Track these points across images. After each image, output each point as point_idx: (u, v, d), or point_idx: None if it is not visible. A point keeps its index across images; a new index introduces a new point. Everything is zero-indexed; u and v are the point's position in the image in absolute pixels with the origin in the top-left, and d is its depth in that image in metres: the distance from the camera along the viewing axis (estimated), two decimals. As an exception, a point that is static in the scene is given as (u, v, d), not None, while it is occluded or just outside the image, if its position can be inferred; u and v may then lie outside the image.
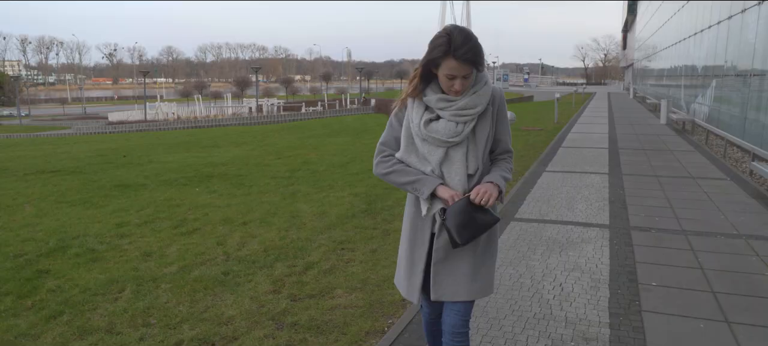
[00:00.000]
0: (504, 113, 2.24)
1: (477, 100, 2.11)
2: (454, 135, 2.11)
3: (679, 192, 7.50)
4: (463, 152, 2.15)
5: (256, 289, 4.32)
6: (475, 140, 2.17)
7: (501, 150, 2.28)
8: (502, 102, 2.23)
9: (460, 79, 2.05)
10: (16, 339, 3.65)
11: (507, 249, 5.08)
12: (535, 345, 3.26)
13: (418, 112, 2.16)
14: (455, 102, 2.10)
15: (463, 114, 2.10)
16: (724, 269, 4.51)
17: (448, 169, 2.15)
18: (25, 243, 5.88)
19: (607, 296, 3.98)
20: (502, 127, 2.25)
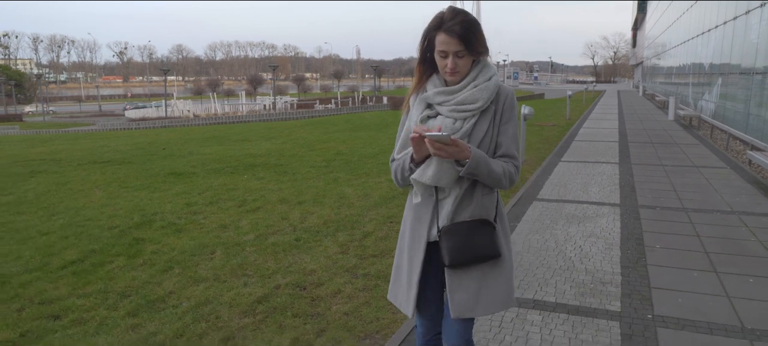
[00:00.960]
0: (510, 116, 2.03)
1: (478, 94, 1.96)
2: (452, 132, 1.93)
3: (683, 178, 8.34)
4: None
5: (326, 251, 5.22)
6: (470, 139, 1.98)
7: (502, 154, 2.03)
8: (510, 103, 2.03)
9: (452, 56, 1.92)
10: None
11: (532, 222, 5.95)
12: (562, 286, 4.14)
13: (418, 109, 2.05)
14: (454, 96, 1.98)
15: (461, 109, 1.97)
16: (716, 236, 5.36)
17: (439, 167, 1.94)
18: (112, 219, 6.81)
19: (618, 254, 4.85)
20: (507, 129, 2.03)
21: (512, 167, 2.01)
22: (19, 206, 7.83)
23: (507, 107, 2.02)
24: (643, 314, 3.65)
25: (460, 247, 1.96)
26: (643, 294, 3.99)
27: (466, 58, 1.95)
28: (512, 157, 2.03)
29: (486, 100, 1.97)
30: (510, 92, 2.05)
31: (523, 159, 10.24)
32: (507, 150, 2.02)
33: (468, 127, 1.96)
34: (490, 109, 2.00)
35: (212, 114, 39.02)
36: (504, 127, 2.02)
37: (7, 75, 61.92)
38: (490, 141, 2.00)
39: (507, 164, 2.00)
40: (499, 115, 2.02)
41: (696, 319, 3.58)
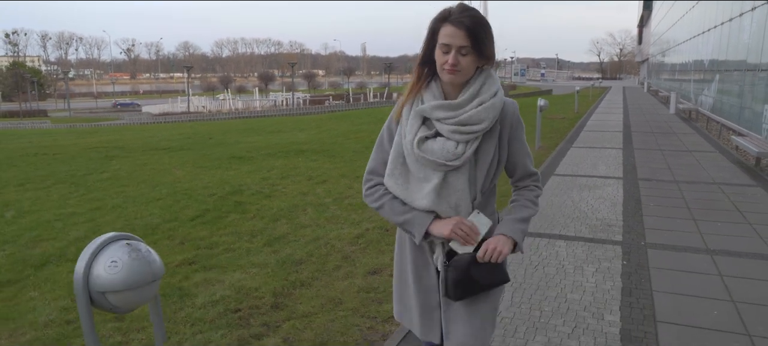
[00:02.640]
0: (518, 133, 1.88)
1: (483, 114, 1.76)
2: (454, 157, 1.76)
3: (677, 159, 9.82)
4: (465, 178, 1.80)
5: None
6: (476, 164, 1.82)
7: (521, 175, 1.94)
8: (517, 119, 1.87)
9: (455, 51, 1.70)
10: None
11: (552, 189, 7.44)
12: (579, 227, 5.64)
13: (413, 126, 1.82)
14: (456, 114, 1.76)
15: (464, 131, 1.76)
16: (698, 198, 6.85)
17: (448, 197, 1.80)
18: (208, 189, 8.33)
19: (621, 209, 6.35)
20: (520, 148, 1.90)
21: (537, 189, 1.95)
22: (119, 181, 9.37)
23: (514, 125, 1.86)
24: (638, 242, 5.15)
25: (460, 281, 1.80)
26: (638, 231, 5.49)
27: (470, 58, 1.72)
28: (531, 175, 1.94)
29: (492, 120, 1.77)
30: (514, 108, 1.86)
31: (539, 145, 11.72)
32: (526, 169, 1.93)
33: (471, 151, 1.77)
34: (495, 129, 1.81)
35: (233, 109, 40.62)
36: (516, 146, 1.88)
37: (25, 72, 63.76)
38: (495, 164, 1.84)
39: (532, 191, 1.94)
40: (506, 134, 1.84)
41: (675, 244, 5.07)
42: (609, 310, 3.69)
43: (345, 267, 4.72)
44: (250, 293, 4.17)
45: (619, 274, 4.34)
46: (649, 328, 3.43)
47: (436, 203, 1.79)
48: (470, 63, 1.74)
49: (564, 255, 4.80)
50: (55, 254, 5.41)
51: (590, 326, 3.46)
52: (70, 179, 9.85)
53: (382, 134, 1.95)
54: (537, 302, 3.82)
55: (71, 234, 6.09)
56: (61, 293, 4.37)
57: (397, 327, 3.48)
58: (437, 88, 1.82)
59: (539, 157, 10.37)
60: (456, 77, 1.75)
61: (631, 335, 3.33)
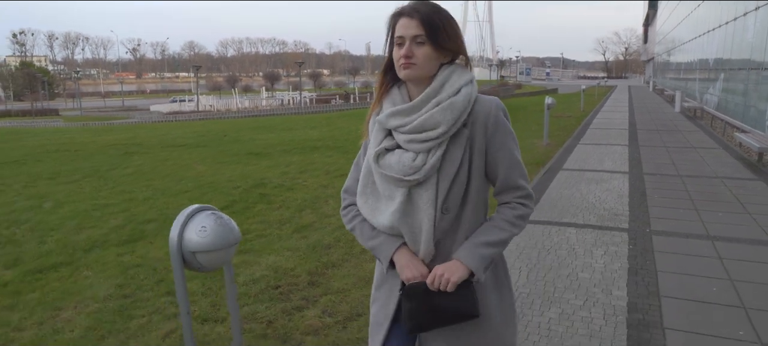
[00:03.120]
0: (502, 138, 1.59)
1: (440, 116, 1.52)
2: (411, 171, 1.54)
3: (681, 155, 10.16)
4: (431, 194, 1.55)
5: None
6: (440, 178, 1.56)
7: (501, 188, 1.63)
8: (496, 122, 1.58)
9: (409, 42, 1.52)
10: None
11: (561, 183, 7.80)
12: (588, 216, 6.01)
13: (376, 139, 1.64)
14: (411, 119, 1.55)
15: (419, 139, 1.53)
16: (700, 191, 7.20)
17: (412, 217, 1.58)
18: (231, 182, 8.73)
19: (627, 200, 6.70)
20: (498, 155, 1.59)
21: (520, 208, 1.62)
22: (144, 175, 9.79)
23: (492, 127, 1.57)
24: (643, 229, 5.51)
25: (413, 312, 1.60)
26: (643, 220, 5.85)
27: (427, 49, 1.54)
28: (517, 188, 1.62)
29: (451, 122, 1.52)
30: (492, 107, 1.59)
31: (547, 142, 12.07)
32: (508, 181, 1.61)
33: (434, 161, 1.53)
34: (462, 133, 1.56)
35: (243, 108, 41.15)
36: (496, 152, 1.59)
37: (36, 72, 64.50)
38: (464, 175, 1.56)
39: (513, 209, 1.62)
40: (480, 139, 1.57)
41: (678, 231, 5.43)
42: (616, 286, 4.06)
43: (369, 252, 5.09)
44: (287, 272, 4.56)
45: (626, 256, 4.70)
46: (654, 301, 3.79)
47: (399, 222, 1.59)
48: (427, 55, 1.55)
49: (574, 240, 5.16)
50: (99, 240, 5.81)
51: (599, 300, 3.82)
52: (95, 173, 10.26)
53: (359, 155, 1.79)
54: (551, 280, 4.19)
55: (110, 223, 6.50)
56: (113, 272, 4.77)
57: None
58: (400, 93, 1.64)
59: (547, 153, 10.73)
60: (412, 72, 1.55)
61: (637, 307, 3.70)
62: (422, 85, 1.60)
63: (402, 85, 1.65)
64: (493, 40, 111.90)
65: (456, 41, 1.59)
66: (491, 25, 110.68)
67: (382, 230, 1.64)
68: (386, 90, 1.67)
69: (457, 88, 1.57)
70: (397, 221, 1.59)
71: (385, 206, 1.62)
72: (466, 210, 1.62)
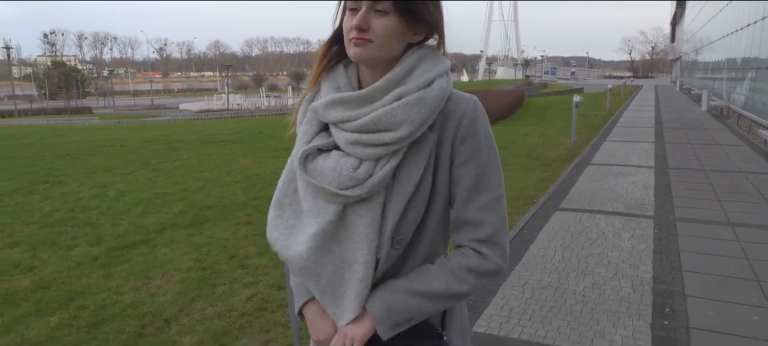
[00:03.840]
0: (472, 150, 1.12)
1: (403, 114, 1.07)
2: (351, 182, 1.08)
3: (706, 152, 10.49)
4: (374, 216, 1.10)
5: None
6: (392, 199, 1.10)
7: (456, 221, 1.15)
8: (474, 130, 1.12)
9: (366, 9, 1.07)
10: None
11: (590, 176, 8.23)
12: (616, 205, 6.45)
13: (306, 134, 1.19)
14: (358, 114, 1.10)
15: (369, 141, 1.09)
16: (723, 184, 7.58)
17: (342, 246, 1.11)
18: (276, 174, 9.24)
19: (652, 192, 7.12)
20: (461, 171, 1.13)
21: (472, 256, 1.11)
22: (193, 168, 10.44)
23: (463, 134, 1.11)
24: (667, 216, 5.94)
25: None
26: (668, 209, 6.27)
27: (391, 21, 1.08)
28: (475, 224, 1.12)
29: (416, 124, 1.08)
30: (469, 107, 1.13)
31: (575, 139, 12.46)
32: (464, 210, 1.13)
33: (384, 173, 1.08)
34: (427, 139, 1.11)
35: (270, 106, 42.03)
36: (458, 170, 1.12)
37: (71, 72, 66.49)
38: (422, 197, 1.11)
39: (467, 258, 1.12)
40: (447, 148, 1.12)
41: (701, 218, 5.85)
42: (643, 263, 4.52)
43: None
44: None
45: (652, 239, 5.15)
46: (677, 275, 4.25)
47: (317, 255, 1.10)
48: (390, 30, 1.08)
49: (604, 225, 5.62)
50: (168, 223, 6.43)
51: (628, 274, 4.29)
52: (147, 166, 10.96)
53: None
54: (584, 257, 4.67)
55: (173, 209, 7.12)
56: (187, 249, 5.37)
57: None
58: (346, 76, 1.18)
59: (575, 150, 11.13)
60: (365, 51, 1.08)
61: (662, 279, 4.16)
62: (379, 70, 1.13)
63: (350, 66, 1.20)
64: (519, 39, 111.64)
65: (435, 15, 1.12)
66: (516, 24, 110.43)
67: (294, 262, 1.13)
68: (328, 68, 1.20)
69: (428, 79, 1.11)
70: (316, 248, 1.09)
71: (304, 225, 1.13)
72: (422, 244, 1.14)
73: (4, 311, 4.04)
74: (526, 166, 9.20)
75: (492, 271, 1.12)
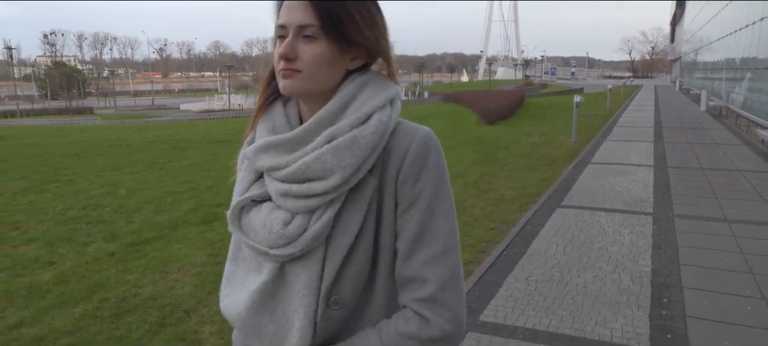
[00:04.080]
0: (411, 189, 0.96)
1: (333, 160, 0.94)
2: (282, 240, 0.96)
3: (704, 151, 10.68)
4: (312, 276, 0.97)
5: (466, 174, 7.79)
6: (328, 254, 0.97)
7: (400, 277, 0.99)
8: (413, 161, 0.96)
9: (293, 35, 0.96)
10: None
11: (591, 175, 8.41)
12: (616, 202, 6.63)
13: (242, 181, 1.09)
14: (287, 161, 0.98)
15: (298, 192, 0.96)
16: (720, 182, 7.77)
17: (280, 306, 1.00)
18: (282, 173, 9.49)
19: (651, 190, 7.30)
20: (405, 218, 0.97)
21: (413, 320, 0.95)
22: (200, 167, 10.61)
23: (407, 173, 0.96)
24: (666, 213, 6.12)
25: None
26: (666, 206, 6.45)
27: (321, 47, 0.96)
28: (420, 282, 0.96)
29: (350, 170, 0.94)
30: (415, 141, 0.98)
31: (575, 139, 12.65)
32: (408, 264, 0.97)
33: (319, 228, 0.95)
34: (367, 185, 0.97)
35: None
36: (404, 217, 0.97)
37: (72, 72, 66.65)
38: (363, 250, 0.97)
39: (403, 321, 0.96)
40: (390, 193, 0.98)
41: (699, 215, 6.03)
42: (642, 257, 4.70)
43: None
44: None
45: (650, 234, 5.33)
46: (674, 268, 4.43)
47: (256, 314, 1.00)
48: (320, 57, 0.96)
49: (604, 222, 5.80)
50: (180, 220, 6.60)
51: (627, 267, 4.47)
52: (154, 165, 11.13)
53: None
54: (585, 252, 4.85)
55: (184, 207, 7.29)
56: (201, 245, 5.54)
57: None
58: (283, 114, 1.06)
59: (575, 149, 11.31)
60: (294, 83, 0.97)
61: (660, 272, 4.34)
62: (317, 105, 1.01)
63: (291, 102, 1.08)
64: (518, 39, 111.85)
65: (373, 34, 1.00)
66: (516, 25, 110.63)
67: (234, 321, 1.03)
68: (266, 106, 1.08)
69: (366, 113, 0.97)
70: (255, 307, 0.99)
71: (252, 282, 1.02)
72: (372, 305, 1.01)
73: (30, 303, 4.21)
74: (528, 166, 9.38)
75: (436, 338, 0.93)
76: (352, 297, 0.99)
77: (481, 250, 5.14)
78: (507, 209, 6.63)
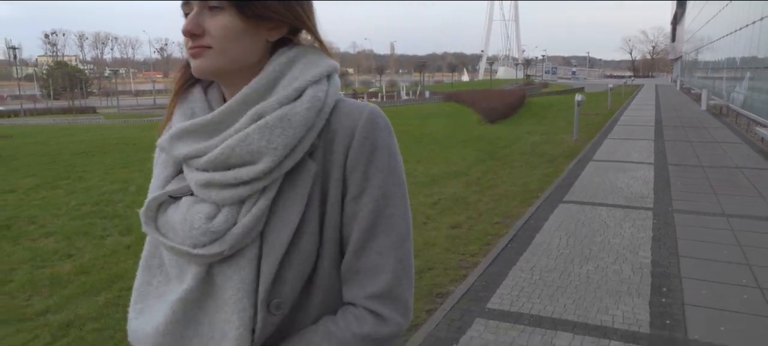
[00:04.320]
0: (362, 173, 0.87)
1: (261, 141, 0.83)
2: (206, 238, 0.82)
3: (705, 149, 10.84)
4: (241, 280, 0.84)
5: (459, 181, 7.96)
6: (265, 251, 0.85)
7: (348, 270, 0.89)
8: (361, 142, 0.87)
9: (197, 8, 0.85)
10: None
11: (592, 171, 8.58)
12: (617, 198, 6.79)
13: (158, 177, 0.97)
14: (207, 147, 0.86)
15: (221, 181, 0.84)
16: (720, 179, 7.93)
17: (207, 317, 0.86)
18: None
19: (652, 186, 7.46)
20: (357, 205, 0.87)
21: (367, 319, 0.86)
22: (208, 165, 10.78)
23: (356, 155, 0.86)
24: (666, 208, 6.29)
25: None
26: (666, 201, 6.62)
27: (226, 17, 0.84)
28: (372, 275, 0.87)
29: (282, 151, 0.83)
30: (362, 118, 0.88)
31: (576, 137, 12.81)
32: (358, 256, 0.88)
33: (250, 220, 0.83)
34: (305, 169, 0.86)
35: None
36: (353, 203, 0.87)
37: (71, 71, 66.93)
38: (307, 243, 0.86)
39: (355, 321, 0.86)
40: (336, 177, 0.87)
41: (698, 210, 6.20)
42: (642, 249, 4.86)
43: (430, 223, 5.98)
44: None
45: (651, 228, 5.50)
46: (673, 260, 4.59)
47: (178, 329, 0.85)
48: (230, 30, 0.84)
49: (605, 216, 5.97)
50: (192, 215, 6.77)
51: (628, 258, 4.64)
52: (162, 163, 11.30)
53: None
54: (587, 244, 5.01)
55: (195, 202, 7.47)
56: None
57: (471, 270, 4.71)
58: (203, 98, 0.94)
59: (577, 147, 11.47)
60: (205, 62, 0.85)
61: (659, 263, 4.51)
62: (240, 85, 0.88)
63: (213, 86, 0.96)
64: (519, 39, 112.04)
65: (288, 3, 0.88)
66: (517, 24, 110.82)
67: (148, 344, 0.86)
68: (183, 91, 0.95)
69: (297, 88, 0.86)
70: (176, 321, 0.85)
71: (172, 293, 0.87)
72: (309, 304, 0.89)
73: (54, 292, 4.39)
74: (530, 163, 9.55)
75: (392, 335, 0.87)
76: (291, 297, 0.86)
77: (486, 243, 5.30)
78: (510, 205, 6.79)
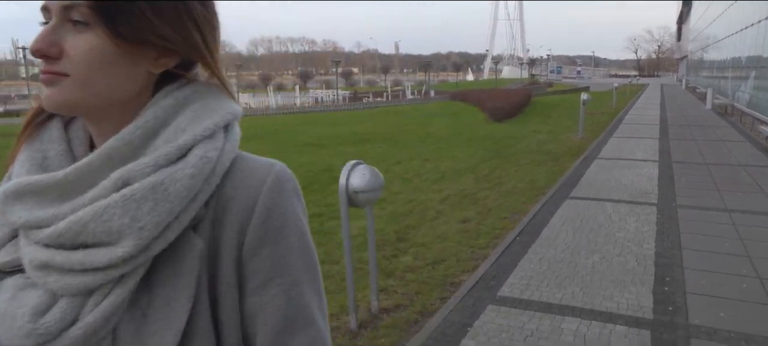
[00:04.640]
0: (268, 258, 0.68)
1: (120, 217, 0.61)
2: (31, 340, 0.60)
3: (709, 147, 11.01)
4: None
5: (467, 179, 8.16)
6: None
7: None
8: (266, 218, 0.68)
9: (56, 19, 0.62)
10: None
11: (598, 169, 8.77)
12: (622, 194, 6.99)
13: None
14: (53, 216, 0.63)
15: (64, 265, 0.62)
16: (723, 176, 8.11)
17: None
18: (301, 167, 9.89)
19: (656, 183, 7.65)
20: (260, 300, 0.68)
21: None
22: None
23: (259, 234, 0.68)
24: (669, 204, 6.48)
25: None
26: (670, 197, 6.81)
27: (94, 37, 0.62)
28: None
29: (151, 232, 0.62)
30: (266, 184, 0.71)
31: (582, 135, 12.99)
32: None
33: (97, 320, 0.62)
34: (191, 243, 0.66)
35: (280, 106, 42.75)
36: (259, 297, 0.68)
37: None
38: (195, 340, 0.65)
39: None
40: (231, 265, 0.68)
41: (701, 206, 6.39)
42: (646, 241, 5.06)
43: (441, 218, 6.19)
44: (377, 232, 5.67)
45: (655, 222, 5.70)
46: (676, 252, 4.79)
47: None
48: (99, 53, 0.62)
49: (610, 211, 6.17)
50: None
51: (632, 250, 4.84)
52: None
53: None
54: (593, 237, 5.22)
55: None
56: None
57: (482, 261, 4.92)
58: (63, 139, 0.71)
59: (582, 145, 11.65)
60: (60, 94, 0.63)
61: (663, 255, 4.71)
62: (110, 127, 0.67)
63: (77, 120, 0.73)
64: (524, 38, 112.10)
65: (172, 26, 0.65)
66: (522, 24, 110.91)
67: None
68: (36, 125, 0.73)
69: (181, 145, 0.66)
70: None
71: None
72: None
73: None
74: (537, 161, 9.74)
75: None
76: None
77: (495, 236, 5.51)
78: (517, 201, 6.99)
